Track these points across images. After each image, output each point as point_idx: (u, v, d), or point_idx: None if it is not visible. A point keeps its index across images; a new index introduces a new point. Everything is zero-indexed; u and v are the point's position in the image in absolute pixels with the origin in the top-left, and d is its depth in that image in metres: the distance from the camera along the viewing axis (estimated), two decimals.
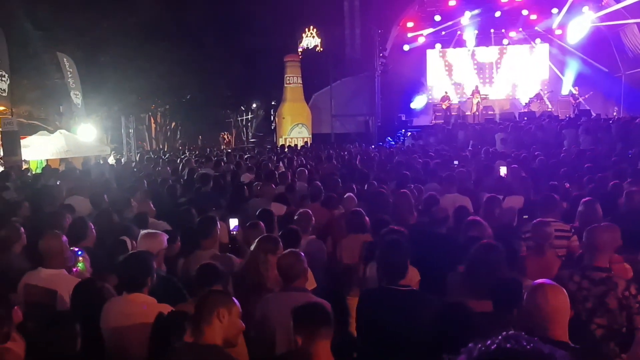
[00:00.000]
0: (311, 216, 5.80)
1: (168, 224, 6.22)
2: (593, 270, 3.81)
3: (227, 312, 2.98)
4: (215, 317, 2.93)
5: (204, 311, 2.96)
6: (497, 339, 1.25)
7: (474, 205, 6.87)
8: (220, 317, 2.94)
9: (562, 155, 12.27)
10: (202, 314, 2.96)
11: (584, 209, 5.66)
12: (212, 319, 2.93)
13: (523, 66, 28.99)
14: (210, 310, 2.95)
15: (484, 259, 3.82)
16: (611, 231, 4.00)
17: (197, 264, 4.09)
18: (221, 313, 2.95)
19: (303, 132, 29.05)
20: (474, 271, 3.84)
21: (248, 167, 11.85)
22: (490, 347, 1.24)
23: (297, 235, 4.99)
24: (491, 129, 20.40)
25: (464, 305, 3.34)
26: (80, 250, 4.57)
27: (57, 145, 16.44)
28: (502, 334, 1.26)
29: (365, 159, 14.14)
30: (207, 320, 2.93)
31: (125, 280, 3.69)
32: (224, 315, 2.95)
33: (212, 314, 2.94)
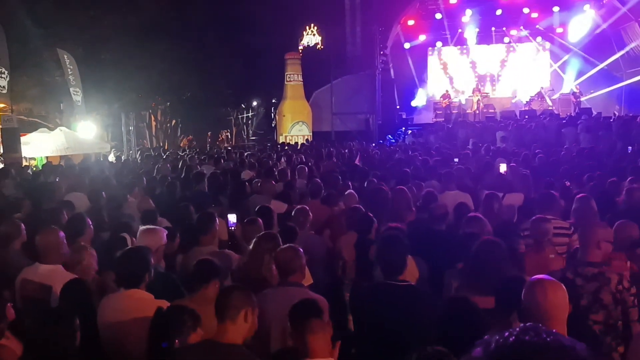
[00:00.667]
0: (308, 212, 5.79)
1: (167, 221, 6.22)
2: (586, 266, 3.81)
3: (252, 312, 2.99)
4: (242, 316, 2.93)
5: (231, 309, 2.94)
6: (515, 330, 1.21)
7: (474, 202, 6.86)
8: (247, 318, 2.95)
9: (562, 153, 12.25)
10: (229, 312, 2.93)
11: (579, 206, 5.65)
12: (238, 318, 2.93)
13: (524, 64, 28.95)
14: (239, 309, 2.94)
15: (488, 255, 3.81)
16: (604, 227, 3.99)
17: (196, 261, 4.07)
18: (248, 313, 2.96)
19: (303, 130, 29.01)
20: (477, 268, 3.83)
21: (249, 164, 11.84)
22: (509, 339, 1.19)
23: (294, 233, 4.99)
24: (492, 127, 20.39)
25: (468, 300, 3.31)
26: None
27: (57, 143, 16.44)
28: (519, 326, 1.24)
29: (366, 156, 14.12)
30: (233, 318, 2.92)
31: (123, 276, 3.67)
32: (249, 316, 2.96)
33: (239, 314, 2.93)
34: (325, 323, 3.01)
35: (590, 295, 3.70)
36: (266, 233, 4.66)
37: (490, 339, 1.22)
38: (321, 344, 2.95)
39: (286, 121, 29.31)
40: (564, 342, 1.18)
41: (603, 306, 3.66)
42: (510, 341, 1.19)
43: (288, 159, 13.18)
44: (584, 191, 7.07)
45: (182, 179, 9.56)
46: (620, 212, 5.76)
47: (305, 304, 3.12)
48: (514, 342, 1.19)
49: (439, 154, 12.79)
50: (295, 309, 3.06)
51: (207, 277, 3.79)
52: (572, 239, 5.23)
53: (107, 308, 3.62)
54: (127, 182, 8.94)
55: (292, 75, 29.25)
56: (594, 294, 3.69)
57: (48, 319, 2.98)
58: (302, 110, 29.41)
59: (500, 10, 27.54)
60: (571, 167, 9.72)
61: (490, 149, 13.21)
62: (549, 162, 10.49)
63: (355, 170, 10.59)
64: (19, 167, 12.33)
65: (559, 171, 9.23)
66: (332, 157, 13.70)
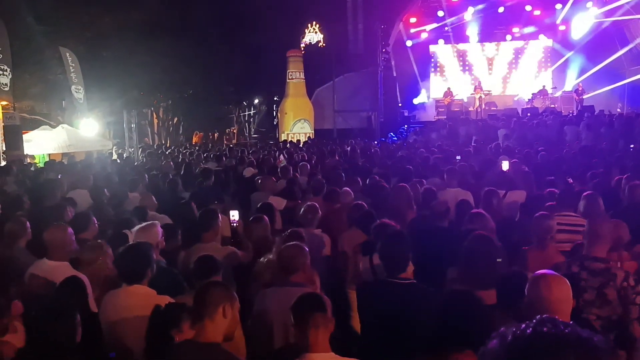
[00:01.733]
0: (317, 209, 5.78)
1: (169, 218, 6.23)
2: (592, 260, 3.80)
3: (230, 307, 2.91)
4: (219, 312, 2.85)
5: (208, 306, 2.86)
6: (532, 323, 1.21)
7: (475, 199, 6.85)
8: (225, 313, 2.87)
9: (564, 151, 12.23)
10: (206, 309, 2.86)
11: (587, 203, 5.64)
12: (215, 315, 2.85)
13: (526, 62, 28.90)
14: (215, 306, 2.86)
15: (479, 250, 3.81)
16: (612, 223, 3.99)
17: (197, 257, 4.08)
18: (226, 309, 2.87)
19: (305, 128, 29.00)
20: (468, 262, 3.83)
21: (250, 162, 11.85)
22: (526, 331, 1.19)
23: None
24: (494, 124, 20.36)
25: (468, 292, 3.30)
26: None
27: (59, 140, 16.45)
28: (536, 318, 1.23)
29: (368, 154, 14.11)
30: (210, 315, 2.84)
31: (125, 272, 3.68)
32: (227, 311, 2.88)
33: (216, 310, 2.85)
34: (328, 318, 3.01)
35: (594, 290, 3.70)
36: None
37: (507, 331, 1.21)
38: (322, 339, 2.95)
39: (288, 119, 29.30)
40: (582, 334, 1.18)
41: (607, 301, 3.66)
42: (527, 333, 1.18)
43: (289, 156, 13.18)
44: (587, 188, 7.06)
45: (182, 176, 9.58)
46: (623, 209, 5.75)
47: (310, 297, 3.12)
48: (532, 333, 1.18)
49: (440, 151, 12.78)
50: (299, 302, 3.06)
51: (207, 273, 3.80)
52: None
53: (110, 304, 3.63)
54: (129, 179, 8.95)
55: (294, 73, 29.22)
56: (599, 288, 3.69)
57: (49, 315, 2.98)
58: (304, 108, 29.39)
59: (503, 7, 27.50)
60: (573, 164, 9.71)
61: (492, 147, 13.19)
62: (551, 160, 10.47)
63: (356, 167, 10.58)
64: (21, 164, 12.35)
65: (561, 169, 9.22)
66: (335, 154, 13.70)
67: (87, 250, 4.37)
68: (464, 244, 4.00)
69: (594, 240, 3.89)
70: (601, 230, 3.89)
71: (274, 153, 15.16)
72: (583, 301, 3.68)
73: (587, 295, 3.71)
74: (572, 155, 11.38)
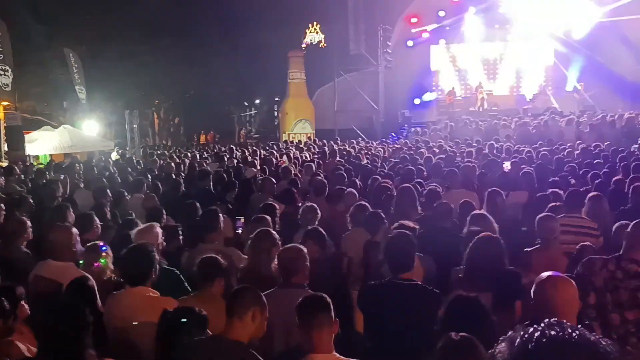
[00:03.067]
0: (317, 210, 5.77)
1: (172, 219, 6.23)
2: (630, 262, 3.71)
3: (260, 313, 3.03)
4: (249, 315, 2.97)
5: (240, 307, 2.99)
6: (540, 326, 1.21)
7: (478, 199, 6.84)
8: (254, 317, 2.98)
9: (566, 151, 12.21)
10: (237, 309, 2.99)
11: (592, 204, 5.62)
12: (246, 316, 2.96)
13: (527, 62, 28.86)
14: (247, 308, 2.98)
15: (485, 251, 3.80)
16: None
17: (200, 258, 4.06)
18: (256, 313, 2.99)
19: (306, 128, 29.00)
20: (474, 264, 3.82)
21: (251, 162, 11.85)
22: (534, 334, 1.19)
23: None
24: (496, 124, 20.32)
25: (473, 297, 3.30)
26: (104, 246, 4.54)
27: (61, 140, 16.46)
28: (544, 321, 1.23)
29: (369, 154, 14.10)
30: (240, 316, 2.96)
31: (129, 274, 3.67)
32: (257, 316, 3.00)
33: (247, 312, 2.97)
34: (332, 319, 3.02)
35: (627, 292, 3.63)
36: (261, 231, 4.61)
37: (515, 335, 1.21)
38: (326, 340, 2.98)
39: (289, 119, 29.30)
40: (590, 338, 1.17)
41: (637, 305, 3.60)
42: (535, 336, 1.18)
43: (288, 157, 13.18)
44: (589, 189, 7.06)
45: (185, 177, 9.58)
46: (627, 209, 5.74)
47: (314, 298, 3.13)
48: (540, 337, 1.18)
49: (442, 151, 12.77)
50: (303, 303, 3.08)
51: (212, 274, 3.80)
52: (598, 240, 5.14)
53: (114, 306, 3.62)
54: (132, 180, 8.94)
55: (295, 74, 29.23)
56: (632, 291, 3.63)
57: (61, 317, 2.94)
58: (305, 108, 29.39)
59: (504, 7, 27.46)
60: (576, 164, 9.68)
61: (494, 147, 13.17)
62: (553, 160, 10.45)
63: (358, 168, 10.57)
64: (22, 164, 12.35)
65: (563, 169, 9.20)
66: (336, 155, 13.68)
67: (87, 251, 4.36)
68: (470, 246, 3.99)
69: (633, 241, 3.79)
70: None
71: (275, 153, 15.15)
72: (613, 300, 3.62)
73: (618, 296, 3.64)
74: (574, 155, 11.35)
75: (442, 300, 3.63)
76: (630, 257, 3.75)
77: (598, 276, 3.70)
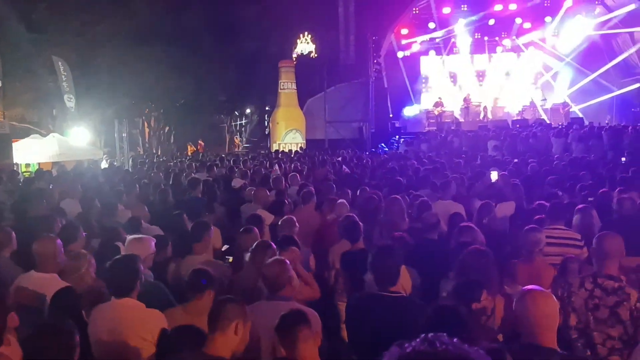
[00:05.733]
0: (294, 222, 5.76)
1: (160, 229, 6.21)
2: (606, 278, 3.72)
3: (243, 325, 2.98)
4: (232, 328, 2.92)
5: (222, 320, 2.93)
6: (417, 340, 1.25)
7: (466, 211, 6.88)
8: (237, 330, 2.93)
9: (554, 163, 12.32)
10: (219, 322, 2.92)
11: (581, 216, 5.66)
12: (228, 329, 2.91)
13: (516, 74, 29.14)
14: (230, 321, 2.93)
15: (474, 264, 3.82)
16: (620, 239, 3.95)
17: (189, 269, 4.06)
18: (239, 325, 2.94)
19: (297, 138, 29.03)
20: (464, 276, 3.84)
21: (239, 172, 11.83)
22: (407, 349, 1.24)
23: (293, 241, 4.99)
24: (484, 136, 20.48)
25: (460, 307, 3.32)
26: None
27: (49, 149, 16.34)
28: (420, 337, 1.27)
29: (359, 164, 14.14)
30: (223, 329, 2.91)
31: (114, 285, 3.65)
32: (240, 328, 2.94)
33: (229, 325, 2.92)
34: (313, 332, 3.02)
35: (607, 309, 3.63)
36: (261, 242, 4.63)
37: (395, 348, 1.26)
38: (311, 352, 2.97)
39: (280, 129, 29.32)
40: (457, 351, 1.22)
41: (620, 321, 3.59)
42: (407, 351, 1.22)
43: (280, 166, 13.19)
44: (576, 201, 7.12)
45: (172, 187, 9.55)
46: (613, 221, 5.79)
47: (293, 314, 3.13)
48: (410, 352, 1.23)
49: (431, 162, 12.83)
50: (283, 320, 3.09)
51: (201, 286, 3.78)
52: (582, 251, 5.16)
53: (99, 317, 3.59)
54: (119, 189, 8.90)
55: (286, 83, 29.30)
56: (612, 307, 3.62)
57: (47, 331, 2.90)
58: (296, 118, 29.44)
59: (493, 20, 27.79)
60: (563, 176, 9.77)
61: (482, 158, 13.27)
62: (541, 172, 10.54)
63: (347, 178, 10.59)
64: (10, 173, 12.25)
65: (551, 181, 9.27)
66: (326, 165, 13.71)
67: (69, 260, 4.33)
68: (460, 259, 4.01)
69: (604, 257, 3.80)
70: (611, 246, 3.81)
71: (265, 163, 15.15)
72: (595, 319, 3.64)
73: (599, 314, 3.64)
74: (561, 167, 11.46)
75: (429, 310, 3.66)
76: (605, 273, 3.76)
77: (577, 296, 3.72)
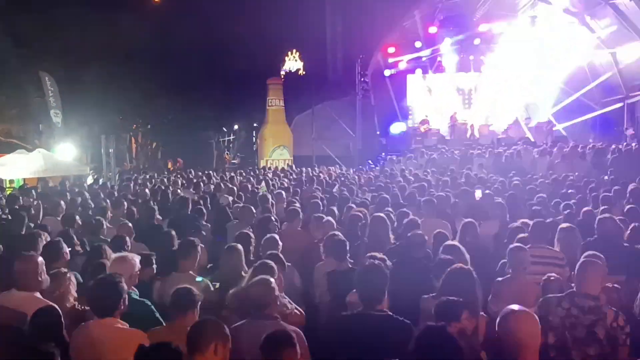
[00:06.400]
0: (277, 241, 5.76)
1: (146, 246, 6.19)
2: (583, 297, 3.78)
3: (223, 346, 2.95)
4: (211, 349, 2.89)
5: (201, 341, 2.90)
6: None
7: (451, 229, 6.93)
8: (217, 351, 2.90)
9: (538, 181, 12.44)
10: (198, 344, 2.89)
11: (564, 236, 5.72)
12: (207, 351, 2.88)
13: (501, 92, 29.43)
14: (208, 342, 2.90)
15: (458, 283, 3.86)
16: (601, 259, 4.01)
17: (174, 286, 4.04)
18: (218, 347, 2.91)
19: (284, 154, 29.11)
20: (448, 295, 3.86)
21: (227, 189, 11.82)
22: None
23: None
24: (470, 154, 20.63)
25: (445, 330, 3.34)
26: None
27: (35, 165, 16.22)
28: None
29: (345, 182, 14.18)
30: (202, 350, 2.88)
31: (96, 305, 3.62)
32: (219, 349, 2.92)
33: (208, 346, 2.89)
34: (298, 352, 3.02)
35: (584, 328, 3.68)
36: (262, 263, 4.61)
37: None
38: None
39: (267, 145, 29.39)
40: None
41: (596, 340, 3.64)
42: None
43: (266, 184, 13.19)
44: (560, 220, 7.19)
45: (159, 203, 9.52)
46: (594, 240, 5.86)
47: (277, 334, 3.13)
48: None
49: (417, 180, 12.91)
50: (267, 339, 3.08)
51: (185, 306, 3.77)
52: (565, 270, 5.20)
53: (81, 337, 3.56)
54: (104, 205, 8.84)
55: (273, 100, 29.44)
56: (589, 326, 3.67)
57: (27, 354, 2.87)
58: (284, 134, 29.55)
59: (479, 39, 28.14)
60: (547, 195, 9.87)
61: (467, 176, 13.37)
62: (525, 190, 10.64)
63: (334, 196, 10.62)
64: None
65: (535, 199, 9.37)
66: (314, 182, 13.74)
67: (49, 279, 4.29)
68: (443, 278, 4.03)
69: (584, 276, 3.87)
70: (592, 267, 3.88)
71: (253, 180, 15.14)
72: (572, 338, 3.67)
73: (576, 333, 3.69)
74: (545, 186, 11.57)
75: (413, 331, 3.67)
76: (583, 292, 3.81)
77: (555, 315, 3.76)
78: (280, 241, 5.82)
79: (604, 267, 3.95)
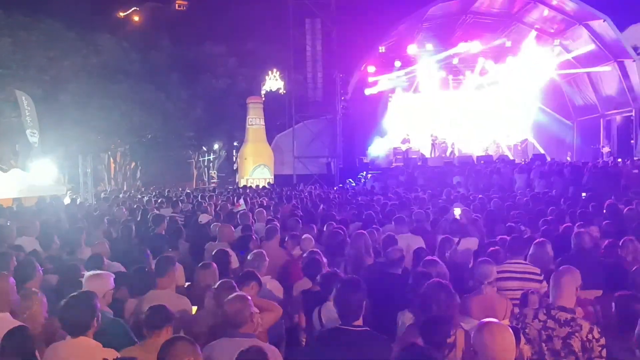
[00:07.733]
0: (264, 256, 5.73)
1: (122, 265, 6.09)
2: (559, 310, 3.82)
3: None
4: None
5: (173, 359, 2.86)
6: None
7: (430, 246, 6.94)
8: None
9: (517, 198, 12.57)
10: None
11: (536, 250, 5.77)
12: None
13: (480, 111, 29.81)
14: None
15: (434, 297, 3.85)
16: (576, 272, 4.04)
17: (151, 304, 3.98)
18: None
19: (265, 173, 29.07)
20: (425, 309, 3.86)
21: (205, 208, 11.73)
22: None
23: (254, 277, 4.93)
24: (449, 171, 20.81)
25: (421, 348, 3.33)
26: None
27: (10, 185, 15.96)
28: None
29: (326, 200, 14.19)
30: None
31: (69, 324, 3.54)
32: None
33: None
34: None
35: (560, 340, 3.71)
36: (223, 282, 4.55)
37: None
38: None
39: (248, 164, 29.34)
40: None
41: (572, 352, 3.67)
42: None
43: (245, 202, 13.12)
44: (537, 235, 7.25)
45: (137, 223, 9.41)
46: (571, 255, 5.91)
47: (252, 351, 3.08)
48: None
49: (397, 198, 12.95)
50: (241, 357, 3.04)
51: (159, 323, 3.71)
52: (542, 285, 5.22)
53: (53, 357, 3.48)
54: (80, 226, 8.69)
55: (254, 119, 29.47)
56: (565, 339, 3.70)
57: None
58: (264, 153, 29.54)
59: (457, 59, 28.55)
60: (525, 211, 9.97)
61: (447, 194, 13.45)
62: (504, 207, 10.73)
63: (314, 214, 10.60)
64: None
65: (513, 215, 9.45)
66: (292, 200, 13.72)
67: (20, 298, 4.19)
68: (421, 293, 4.02)
69: (560, 289, 3.91)
70: (567, 279, 3.92)
71: (232, 199, 15.06)
72: (548, 350, 3.70)
73: (552, 345, 3.72)
74: (524, 202, 11.69)
75: (390, 346, 3.65)
76: (558, 305, 3.85)
77: (531, 327, 3.79)
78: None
79: (577, 278, 3.99)
